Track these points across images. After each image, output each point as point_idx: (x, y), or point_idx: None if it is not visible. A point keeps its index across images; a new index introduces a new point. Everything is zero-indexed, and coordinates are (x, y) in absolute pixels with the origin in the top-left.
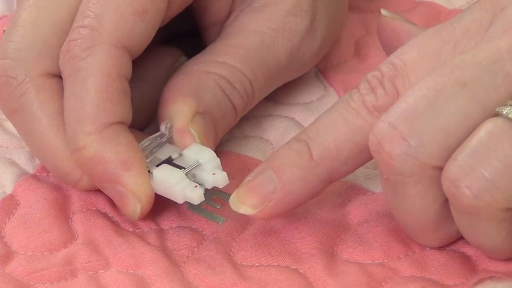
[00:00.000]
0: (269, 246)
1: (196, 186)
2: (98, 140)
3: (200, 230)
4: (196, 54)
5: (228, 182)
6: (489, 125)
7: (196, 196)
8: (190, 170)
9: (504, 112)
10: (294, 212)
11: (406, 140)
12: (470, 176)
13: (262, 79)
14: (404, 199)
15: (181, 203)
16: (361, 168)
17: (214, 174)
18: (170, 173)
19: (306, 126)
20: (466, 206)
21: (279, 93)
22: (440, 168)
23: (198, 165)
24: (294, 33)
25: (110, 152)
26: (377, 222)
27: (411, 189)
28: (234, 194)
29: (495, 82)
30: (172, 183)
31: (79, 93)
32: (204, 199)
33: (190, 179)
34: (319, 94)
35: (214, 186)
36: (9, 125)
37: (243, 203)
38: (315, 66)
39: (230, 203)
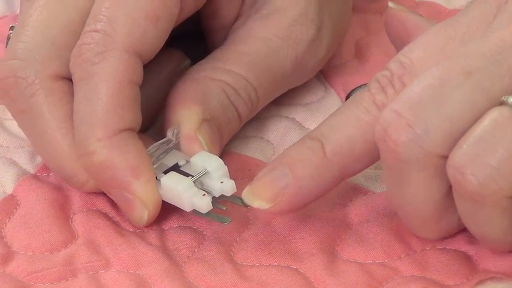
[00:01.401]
0: (269, 246)
1: (205, 194)
2: (108, 146)
3: (201, 230)
4: (198, 54)
5: (235, 190)
6: (494, 114)
7: (204, 205)
8: (198, 178)
9: (510, 101)
10: (294, 212)
11: (412, 127)
12: (475, 164)
13: (266, 86)
14: (407, 188)
15: (189, 211)
16: None
17: (222, 182)
18: (178, 181)
19: (306, 126)
20: (471, 193)
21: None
22: (445, 157)
23: (205, 173)
24: (299, 42)
25: (120, 158)
26: (377, 222)
27: (415, 177)
28: (247, 188)
29: (500, 72)
30: (180, 191)
31: (91, 98)
32: (212, 207)
33: (198, 187)
34: (319, 95)
35: (222, 194)
36: (9, 124)
37: (257, 197)
38: None
39: (244, 197)
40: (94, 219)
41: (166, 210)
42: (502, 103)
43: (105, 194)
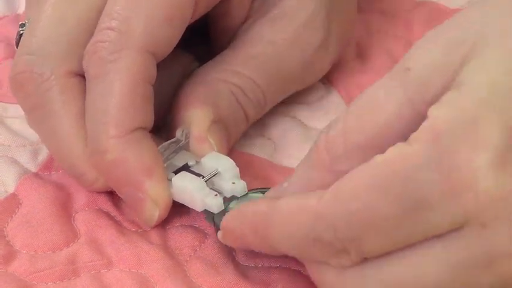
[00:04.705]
0: None
1: (217, 194)
2: (121, 144)
3: (202, 228)
4: (203, 53)
5: (246, 191)
6: None
7: (216, 205)
8: (210, 178)
9: None
10: None
11: None
12: None
13: (274, 89)
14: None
15: (200, 211)
16: None
17: (233, 183)
18: (191, 181)
19: (308, 125)
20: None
21: None
22: None
23: (217, 174)
24: (307, 46)
25: (133, 157)
26: None
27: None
28: None
29: None
30: (192, 190)
31: (105, 96)
32: (223, 207)
33: (209, 187)
34: (321, 94)
35: (233, 195)
36: (10, 122)
37: None
38: None
39: None
40: (96, 219)
41: None
42: None
43: (107, 194)
